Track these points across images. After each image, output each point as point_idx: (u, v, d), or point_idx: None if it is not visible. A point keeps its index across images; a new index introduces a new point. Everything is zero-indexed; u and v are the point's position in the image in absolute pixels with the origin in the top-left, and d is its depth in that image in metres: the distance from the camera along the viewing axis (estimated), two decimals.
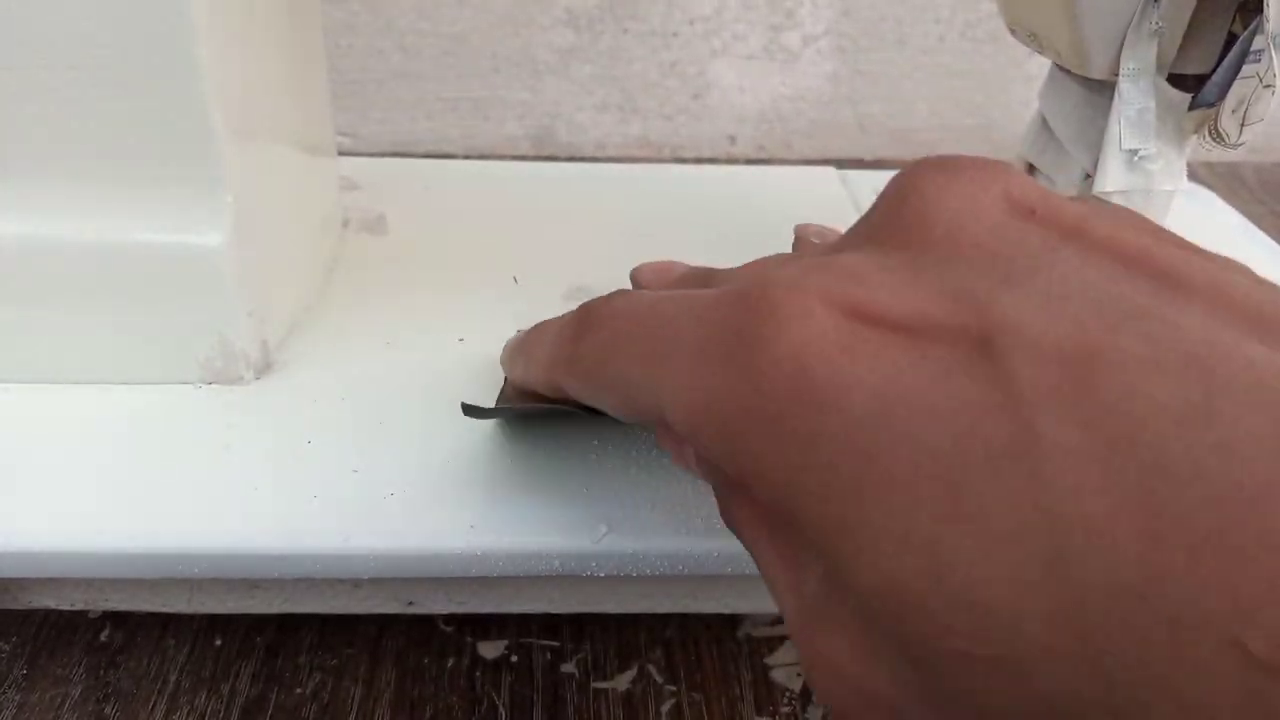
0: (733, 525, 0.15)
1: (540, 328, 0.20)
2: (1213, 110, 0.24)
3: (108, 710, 0.23)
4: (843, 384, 0.11)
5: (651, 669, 0.24)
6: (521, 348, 0.21)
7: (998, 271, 0.12)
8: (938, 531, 0.10)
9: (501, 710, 0.23)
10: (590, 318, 0.17)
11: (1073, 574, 0.09)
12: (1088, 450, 0.10)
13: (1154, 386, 0.10)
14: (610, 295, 0.17)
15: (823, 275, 0.13)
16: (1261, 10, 0.22)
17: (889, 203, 0.14)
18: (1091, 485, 0.10)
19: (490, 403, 0.22)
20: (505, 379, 0.23)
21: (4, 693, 0.23)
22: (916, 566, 0.10)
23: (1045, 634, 0.09)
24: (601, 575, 0.21)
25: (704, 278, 0.18)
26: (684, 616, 0.26)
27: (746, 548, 0.15)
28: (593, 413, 0.19)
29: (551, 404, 0.20)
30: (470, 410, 0.22)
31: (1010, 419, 0.10)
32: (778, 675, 0.24)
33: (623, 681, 0.24)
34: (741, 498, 0.15)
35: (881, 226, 0.14)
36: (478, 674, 0.24)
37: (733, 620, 0.26)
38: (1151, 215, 0.26)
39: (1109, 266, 0.12)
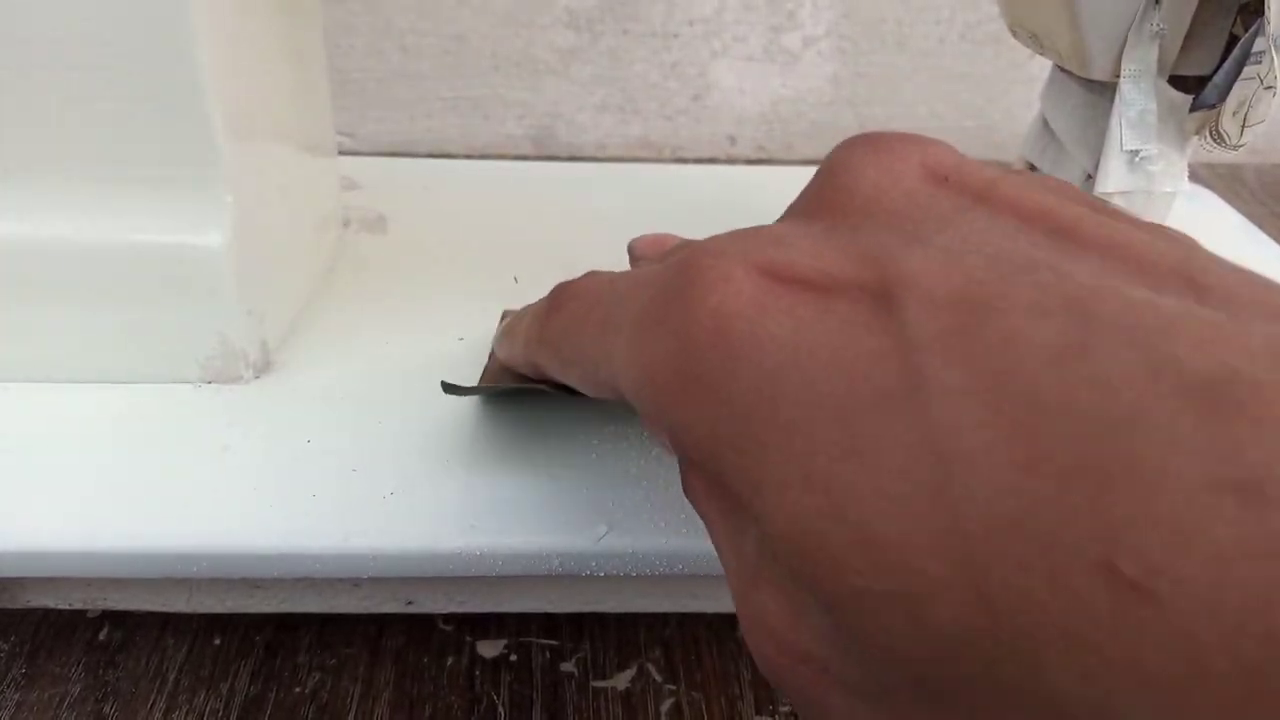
0: (690, 497, 0.16)
1: (525, 309, 0.21)
2: (1214, 112, 0.24)
3: (107, 709, 0.23)
4: (754, 338, 0.12)
5: (651, 668, 0.24)
6: (507, 328, 0.22)
7: (905, 232, 0.13)
8: (834, 470, 0.11)
9: (501, 709, 0.23)
10: (560, 296, 0.18)
11: (954, 505, 0.10)
12: (970, 389, 0.10)
13: (1035, 328, 0.10)
14: (582, 275, 0.18)
15: (747, 241, 0.13)
16: (1262, 12, 0.22)
17: (820, 178, 0.15)
18: (972, 421, 0.10)
19: (474, 382, 0.23)
20: (490, 356, 0.23)
21: (3, 692, 0.23)
22: (817, 506, 0.11)
23: (932, 565, 0.10)
24: (601, 575, 0.21)
25: None
26: (683, 616, 0.26)
27: (701, 519, 0.15)
28: (566, 391, 0.19)
29: (528, 383, 0.21)
30: (450, 388, 0.22)
31: (900, 363, 0.11)
32: None
33: (622, 681, 0.24)
34: (695, 468, 0.15)
35: (811, 199, 0.15)
36: (477, 673, 0.24)
37: (732, 620, 0.26)
38: (1152, 216, 0.26)
39: (1011, 225, 0.12)
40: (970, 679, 0.10)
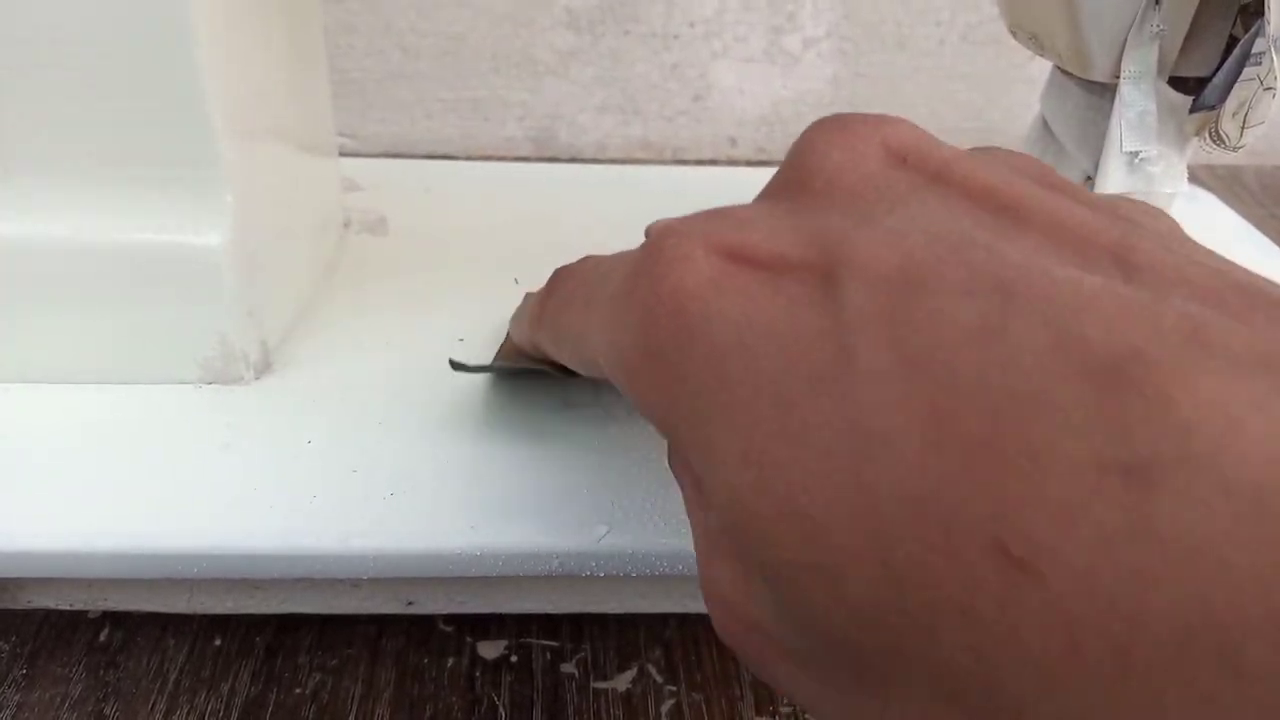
0: (673, 469, 0.16)
1: (533, 293, 0.22)
2: (1214, 113, 0.24)
3: (107, 710, 0.23)
4: (709, 317, 0.12)
5: (651, 669, 0.24)
6: (518, 311, 0.23)
7: (859, 213, 0.13)
8: (769, 447, 0.11)
9: (501, 710, 0.23)
10: (556, 279, 0.19)
11: (869, 482, 0.10)
12: (892, 370, 0.10)
13: (959, 308, 0.10)
14: (579, 259, 0.19)
15: (712, 222, 0.14)
16: (1263, 13, 0.22)
17: (788, 160, 0.15)
18: (891, 401, 0.10)
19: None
20: (506, 338, 0.24)
21: (4, 692, 0.23)
22: (752, 481, 0.11)
23: (849, 539, 0.10)
24: (601, 575, 0.20)
25: None
26: (684, 616, 0.25)
27: (680, 491, 0.16)
28: (564, 373, 0.20)
29: (529, 363, 0.21)
30: (457, 366, 0.23)
31: (833, 343, 0.11)
32: None
33: (623, 682, 0.24)
34: None
35: (780, 181, 0.15)
36: (477, 674, 0.24)
37: None
38: None
39: (961, 204, 0.13)
40: (882, 651, 0.10)
